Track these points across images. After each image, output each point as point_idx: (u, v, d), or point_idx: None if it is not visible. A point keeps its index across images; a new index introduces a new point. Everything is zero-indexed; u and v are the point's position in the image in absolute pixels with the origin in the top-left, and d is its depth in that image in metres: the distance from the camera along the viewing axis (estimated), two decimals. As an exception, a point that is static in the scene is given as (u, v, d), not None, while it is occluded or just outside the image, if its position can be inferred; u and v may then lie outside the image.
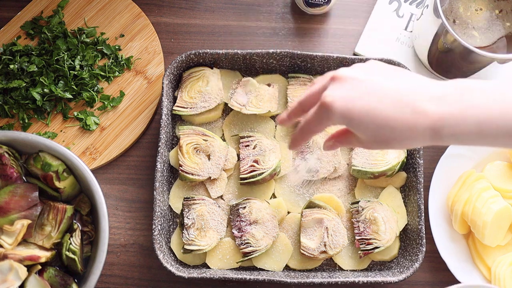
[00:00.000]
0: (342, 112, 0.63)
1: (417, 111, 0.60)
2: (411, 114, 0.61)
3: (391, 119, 0.61)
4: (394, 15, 1.14)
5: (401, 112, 0.61)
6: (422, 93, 0.61)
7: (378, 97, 0.62)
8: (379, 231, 0.97)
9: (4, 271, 0.85)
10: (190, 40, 1.14)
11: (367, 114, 0.62)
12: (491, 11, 1.02)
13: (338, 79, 0.65)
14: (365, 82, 0.63)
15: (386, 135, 0.62)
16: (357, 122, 0.63)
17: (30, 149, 0.93)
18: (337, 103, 0.63)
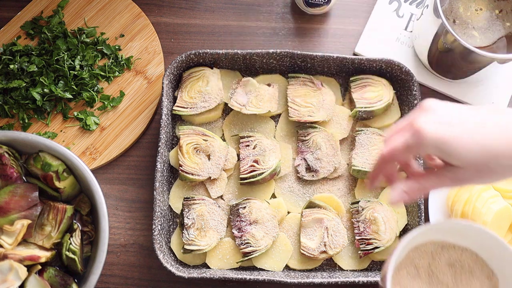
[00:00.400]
0: (436, 138, 0.58)
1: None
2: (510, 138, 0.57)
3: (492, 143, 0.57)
4: (394, 15, 1.14)
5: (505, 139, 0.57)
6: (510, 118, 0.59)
7: (481, 123, 0.58)
8: (379, 231, 0.97)
9: (4, 271, 0.85)
10: (190, 40, 1.14)
11: (468, 140, 0.57)
12: (491, 11, 1.02)
13: (428, 108, 0.61)
14: (456, 111, 0.59)
15: (492, 162, 0.58)
16: (455, 147, 0.57)
17: (30, 149, 0.93)
18: (430, 128, 0.58)
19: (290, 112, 1.04)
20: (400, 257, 0.75)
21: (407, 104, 1.04)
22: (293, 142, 1.06)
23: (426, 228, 0.71)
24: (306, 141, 1.03)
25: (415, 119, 0.60)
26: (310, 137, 1.03)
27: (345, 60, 1.04)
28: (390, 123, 1.05)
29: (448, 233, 0.75)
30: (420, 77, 1.10)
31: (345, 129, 1.05)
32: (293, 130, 1.06)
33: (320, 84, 1.05)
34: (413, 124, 0.59)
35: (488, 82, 1.09)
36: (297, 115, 1.03)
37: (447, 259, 0.76)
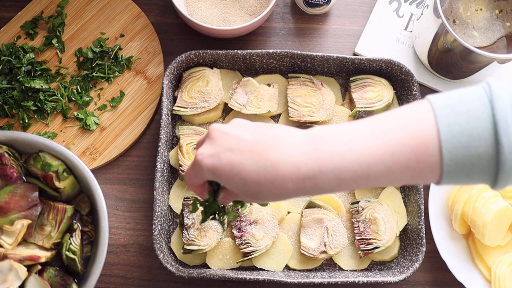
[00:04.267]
0: (210, 169, 0.64)
1: (276, 167, 0.61)
2: (271, 169, 0.61)
3: (254, 173, 0.62)
4: (394, 15, 1.14)
5: (262, 167, 0.61)
6: (278, 146, 0.62)
7: (241, 151, 0.63)
8: (379, 231, 0.97)
9: (4, 271, 0.85)
10: (190, 40, 1.14)
11: (232, 169, 0.63)
12: (491, 11, 1.02)
13: (210, 135, 0.66)
14: (230, 136, 0.65)
15: (254, 190, 0.63)
16: (225, 178, 0.64)
17: (30, 149, 0.93)
18: (205, 160, 0.64)
19: (290, 112, 1.04)
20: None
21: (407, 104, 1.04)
22: (293, 142, 1.06)
23: None
24: (306, 141, 1.03)
25: (199, 149, 0.67)
26: (310, 137, 1.03)
27: (345, 60, 1.04)
28: (390, 123, 1.05)
29: None
30: (420, 77, 1.10)
31: (345, 129, 1.05)
32: (293, 130, 1.06)
33: (320, 84, 1.05)
34: (196, 155, 0.66)
35: (488, 82, 1.09)
36: (297, 115, 1.03)
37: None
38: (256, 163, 0.62)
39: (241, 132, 0.65)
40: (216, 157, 0.64)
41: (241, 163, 0.62)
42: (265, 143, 0.63)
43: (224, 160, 0.63)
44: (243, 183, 0.63)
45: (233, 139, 0.64)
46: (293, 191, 0.62)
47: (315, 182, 0.61)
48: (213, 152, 0.64)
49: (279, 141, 0.63)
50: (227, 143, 0.64)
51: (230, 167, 0.63)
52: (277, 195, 0.63)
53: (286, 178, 0.61)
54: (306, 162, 0.60)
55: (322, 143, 0.61)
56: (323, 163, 0.60)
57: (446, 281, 1.02)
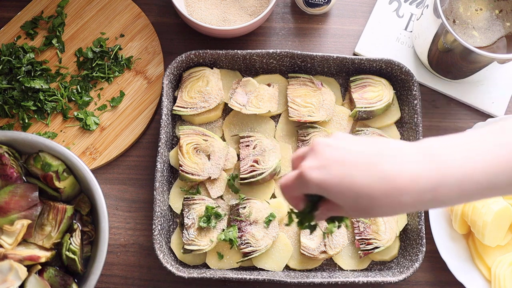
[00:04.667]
0: (318, 183, 0.62)
1: (392, 180, 0.59)
2: (386, 182, 0.59)
3: (366, 186, 0.59)
4: (394, 15, 1.14)
5: (376, 180, 0.59)
6: (392, 159, 0.60)
7: (351, 164, 0.61)
8: (379, 231, 0.97)
9: (4, 271, 0.85)
10: (190, 40, 1.14)
11: (343, 182, 0.60)
12: (491, 11, 1.02)
13: (314, 149, 0.64)
14: (337, 149, 0.62)
15: (366, 204, 0.60)
16: (335, 191, 0.61)
17: (30, 149, 0.93)
18: (312, 174, 0.62)
19: (290, 112, 1.04)
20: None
21: (407, 104, 1.04)
22: (293, 142, 1.06)
23: None
24: (306, 141, 1.03)
25: (304, 162, 0.64)
26: (310, 137, 1.03)
27: (345, 60, 1.04)
28: (390, 123, 1.05)
29: None
30: (420, 77, 1.10)
31: (345, 129, 1.05)
32: (293, 130, 1.06)
33: (320, 84, 1.05)
34: (301, 167, 0.64)
35: (488, 82, 1.09)
36: (297, 115, 1.03)
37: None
38: (370, 175, 0.59)
39: (348, 145, 0.63)
40: (324, 170, 0.61)
41: (352, 176, 0.60)
42: (377, 155, 0.60)
43: (333, 173, 0.61)
44: (354, 197, 0.60)
45: (341, 152, 0.62)
46: (410, 204, 0.59)
47: (435, 195, 0.58)
48: (320, 165, 0.62)
49: (392, 153, 0.60)
50: (335, 156, 0.62)
51: (340, 180, 0.60)
52: (392, 209, 0.60)
53: (402, 191, 0.58)
54: (425, 174, 0.58)
55: (440, 154, 0.59)
56: (445, 175, 0.58)
57: (446, 281, 1.02)
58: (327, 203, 0.66)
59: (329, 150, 0.63)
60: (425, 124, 1.09)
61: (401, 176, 0.58)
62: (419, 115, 1.01)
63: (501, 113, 1.08)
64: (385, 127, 1.05)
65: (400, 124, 1.06)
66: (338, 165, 0.61)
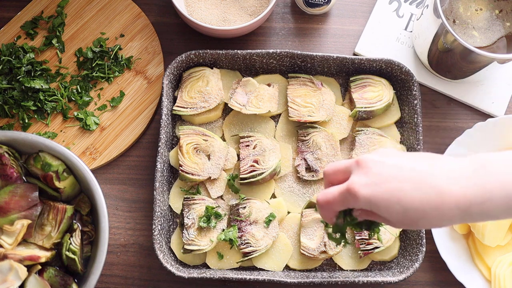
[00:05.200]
0: (368, 199, 0.64)
1: (440, 193, 0.61)
2: (435, 196, 0.61)
3: (416, 201, 0.62)
4: (394, 15, 1.14)
5: (425, 194, 0.62)
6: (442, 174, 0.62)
7: (401, 180, 0.63)
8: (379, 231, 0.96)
9: (4, 271, 0.85)
10: (190, 40, 1.14)
11: (392, 197, 0.63)
12: (491, 11, 1.02)
13: (363, 165, 0.66)
14: (387, 165, 0.65)
15: (414, 217, 0.63)
16: (384, 206, 0.64)
17: (30, 149, 0.93)
18: (363, 190, 0.64)
19: (290, 112, 1.04)
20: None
21: (407, 104, 1.04)
22: (293, 142, 1.06)
23: None
24: (306, 141, 1.03)
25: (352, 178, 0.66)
26: (310, 137, 1.03)
27: (345, 60, 1.04)
28: (390, 123, 1.05)
29: None
30: (420, 77, 1.10)
31: (345, 129, 1.05)
32: (293, 130, 1.06)
33: (320, 84, 1.05)
34: (349, 184, 0.66)
35: (488, 82, 1.09)
36: (297, 115, 1.03)
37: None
38: (420, 190, 0.62)
39: (396, 161, 0.65)
40: (374, 186, 0.64)
41: (402, 191, 0.62)
42: (427, 170, 0.63)
43: (383, 188, 0.63)
44: (403, 210, 0.63)
45: (390, 168, 0.64)
46: (459, 217, 0.62)
47: (482, 208, 0.60)
48: (369, 181, 0.64)
49: (442, 168, 0.63)
50: (384, 172, 0.64)
51: (390, 196, 0.63)
52: (440, 222, 0.63)
53: (452, 205, 0.61)
54: (474, 188, 0.60)
55: (489, 168, 0.61)
56: (493, 189, 0.60)
57: (446, 281, 1.02)
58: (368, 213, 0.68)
59: (378, 166, 0.65)
60: (425, 124, 1.09)
61: (450, 191, 0.61)
62: (419, 115, 1.01)
63: (501, 113, 1.08)
64: (385, 127, 1.05)
65: (400, 124, 1.06)
66: (388, 181, 0.63)
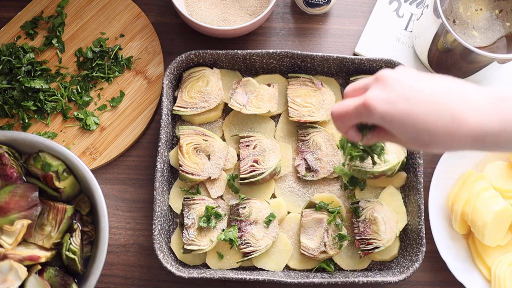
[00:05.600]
0: (383, 115, 0.64)
1: (457, 119, 0.61)
2: (451, 121, 0.61)
3: (431, 124, 0.62)
4: (394, 15, 1.14)
5: (442, 119, 0.62)
6: (462, 100, 0.62)
7: (418, 101, 0.63)
8: (379, 231, 0.97)
9: (4, 271, 0.85)
10: (190, 40, 1.14)
11: (408, 117, 0.63)
12: (491, 11, 1.02)
13: (382, 80, 0.66)
14: (406, 84, 0.64)
15: (425, 139, 0.63)
16: (397, 125, 0.64)
17: (30, 149, 0.93)
18: (378, 105, 0.64)
19: (290, 112, 1.04)
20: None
21: None
22: (293, 142, 1.06)
23: None
24: (306, 141, 1.03)
25: (369, 93, 0.66)
26: (310, 137, 1.03)
27: (345, 60, 1.04)
28: (390, 123, 1.05)
29: None
30: (420, 77, 1.10)
31: (345, 129, 1.05)
32: (293, 130, 1.06)
33: (320, 84, 1.05)
34: (366, 98, 0.65)
35: (488, 82, 1.09)
36: (297, 115, 1.03)
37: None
38: (437, 114, 0.62)
39: (417, 82, 0.64)
40: (391, 103, 0.63)
41: (419, 112, 0.62)
42: (447, 95, 0.62)
43: (400, 108, 0.63)
44: (416, 132, 0.63)
45: (409, 88, 0.64)
46: (470, 145, 0.62)
47: (497, 139, 0.61)
48: (387, 98, 0.64)
49: (463, 94, 0.62)
50: (403, 91, 0.63)
51: (406, 116, 0.63)
52: (451, 147, 0.63)
53: (466, 132, 0.61)
54: (491, 118, 0.60)
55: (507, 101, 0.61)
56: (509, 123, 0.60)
57: (446, 281, 1.02)
58: (380, 132, 0.69)
59: (397, 84, 0.64)
60: (425, 124, 1.09)
61: (468, 118, 0.61)
62: (419, 115, 1.01)
63: (501, 113, 1.08)
64: (385, 127, 1.05)
65: (400, 124, 1.06)
66: (406, 101, 0.63)
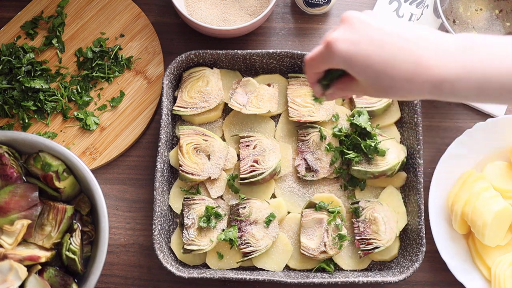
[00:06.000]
0: (344, 55, 0.62)
1: (418, 64, 0.59)
2: (412, 66, 0.60)
3: (391, 67, 0.60)
4: (394, 15, 1.14)
5: (403, 62, 0.60)
6: (426, 45, 0.60)
7: (382, 43, 0.61)
8: (379, 231, 0.97)
9: (4, 271, 0.85)
10: (190, 40, 1.14)
11: (369, 59, 0.61)
12: (491, 11, 1.02)
13: (347, 21, 0.63)
14: (372, 26, 0.62)
15: (385, 84, 0.61)
16: (358, 67, 0.61)
17: (30, 149, 0.93)
18: (340, 45, 0.62)
19: (290, 112, 1.04)
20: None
21: (407, 104, 1.04)
22: (293, 142, 1.06)
23: None
24: (306, 141, 1.03)
25: (333, 33, 0.64)
26: (310, 137, 1.03)
27: (345, 60, 1.04)
28: (390, 123, 1.05)
29: None
30: (420, 77, 1.10)
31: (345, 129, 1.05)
32: (293, 130, 1.06)
33: (320, 84, 1.05)
34: (329, 38, 0.63)
35: (488, 82, 1.09)
36: (297, 115, 1.03)
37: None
38: (398, 58, 0.60)
39: (382, 24, 0.62)
40: (354, 44, 0.61)
41: (380, 55, 0.60)
42: (409, 38, 0.61)
43: (362, 48, 0.61)
44: (375, 75, 0.61)
45: (374, 30, 0.62)
46: (429, 92, 0.60)
47: (453, 87, 0.59)
48: (350, 38, 0.62)
49: (425, 38, 0.61)
50: (368, 32, 0.61)
51: (367, 57, 0.61)
52: (409, 93, 0.61)
53: (425, 77, 0.59)
54: (450, 65, 0.59)
55: (474, 49, 0.59)
56: (469, 70, 0.58)
57: (446, 281, 1.02)
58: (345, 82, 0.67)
59: (362, 25, 0.62)
60: (425, 124, 1.09)
61: (429, 63, 0.59)
62: (419, 115, 1.01)
63: (501, 113, 1.08)
64: (385, 127, 1.05)
65: (400, 124, 1.06)
66: (368, 42, 0.61)
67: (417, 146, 1.00)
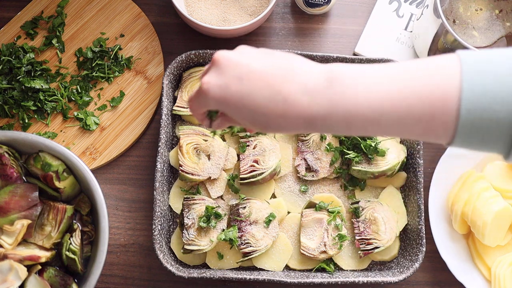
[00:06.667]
0: (216, 99, 0.62)
1: (289, 102, 0.59)
2: (282, 104, 0.60)
3: (263, 106, 0.60)
4: (394, 15, 1.14)
5: (273, 100, 0.60)
6: (295, 80, 0.60)
7: (252, 82, 0.61)
8: (379, 231, 0.97)
9: (4, 271, 0.85)
10: (190, 40, 1.14)
11: (241, 100, 0.61)
12: (491, 11, 1.02)
13: (216, 63, 0.63)
14: (241, 64, 0.62)
15: (261, 121, 0.62)
16: (233, 108, 0.62)
17: (30, 149, 0.93)
18: (211, 90, 0.62)
19: (290, 112, 1.03)
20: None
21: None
22: (293, 142, 1.06)
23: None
24: (306, 141, 1.03)
25: (204, 77, 0.64)
26: (310, 137, 1.03)
27: (345, 60, 1.04)
28: (390, 123, 1.05)
29: None
30: (420, 77, 1.10)
31: (345, 129, 1.05)
32: (293, 130, 1.06)
33: (320, 84, 1.05)
34: (201, 83, 0.64)
35: (488, 82, 1.09)
36: (297, 115, 1.03)
37: None
38: (267, 96, 0.60)
39: (251, 61, 0.62)
40: (223, 89, 0.61)
41: (250, 94, 0.60)
42: (277, 75, 0.61)
43: (233, 90, 0.61)
44: (251, 115, 0.61)
45: (243, 69, 0.61)
46: (303, 127, 0.61)
47: (325, 122, 0.60)
48: (220, 82, 0.62)
49: (294, 73, 0.60)
50: (235, 72, 0.61)
51: (240, 98, 0.61)
52: (286, 129, 0.62)
53: (296, 114, 0.59)
54: (318, 101, 0.59)
55: (338, 83, 0.59)
56: (335, 105, 0.59)
57: (446, 281, 1.02)
58: (225, 116, 0.68)
59: (231, 66, 0.62)
60: (425, 124, 1.09)
61: (296, 100, 0.59)
62: (419, 115, 1.01)
63: (501, 113, 1.08)
64: (385, 127, 1.05)
65: (400, 124, 1.06)
66: (239, 83, 0.61)
67: (417, 146, 1.00)
